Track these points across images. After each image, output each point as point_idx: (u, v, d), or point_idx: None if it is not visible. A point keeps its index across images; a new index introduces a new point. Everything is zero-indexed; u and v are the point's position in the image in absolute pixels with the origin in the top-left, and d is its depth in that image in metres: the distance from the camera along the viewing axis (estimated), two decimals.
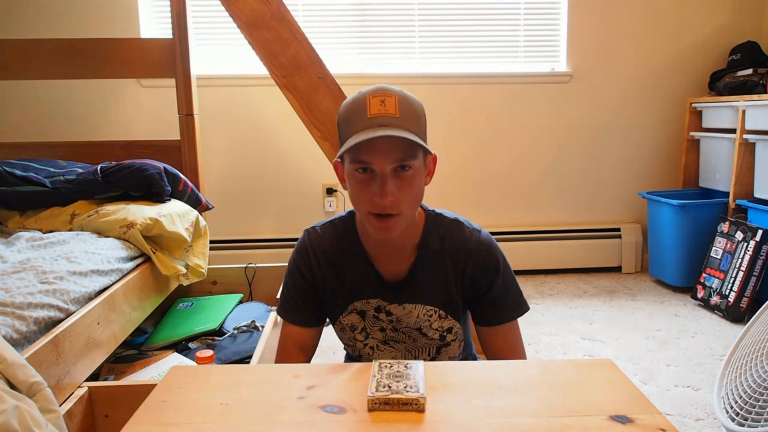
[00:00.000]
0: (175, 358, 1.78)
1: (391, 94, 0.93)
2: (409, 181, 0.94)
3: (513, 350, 1.08)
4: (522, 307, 1.09)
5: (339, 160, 1.00)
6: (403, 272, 1.07)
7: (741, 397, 1.44)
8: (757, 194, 2.62)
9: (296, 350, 1.11)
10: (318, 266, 1.09)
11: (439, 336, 1.10)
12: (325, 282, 1.10)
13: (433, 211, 1.10)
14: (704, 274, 2.71)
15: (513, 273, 1.10)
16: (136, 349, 1.95)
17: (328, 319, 1.17)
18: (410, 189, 0.94)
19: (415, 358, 1.12)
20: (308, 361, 1.13)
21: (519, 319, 1.09)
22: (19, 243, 1.65)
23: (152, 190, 1.98)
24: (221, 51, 3.03)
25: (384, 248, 1.07)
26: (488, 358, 1.10)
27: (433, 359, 1.12)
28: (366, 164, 0.92)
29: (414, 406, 0.76)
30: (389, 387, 0.79)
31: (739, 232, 2.58)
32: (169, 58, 2.29)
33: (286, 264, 1.15)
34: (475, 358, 1.28)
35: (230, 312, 2.15)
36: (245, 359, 1.79)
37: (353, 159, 0.93)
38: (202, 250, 2.06)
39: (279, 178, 3.12)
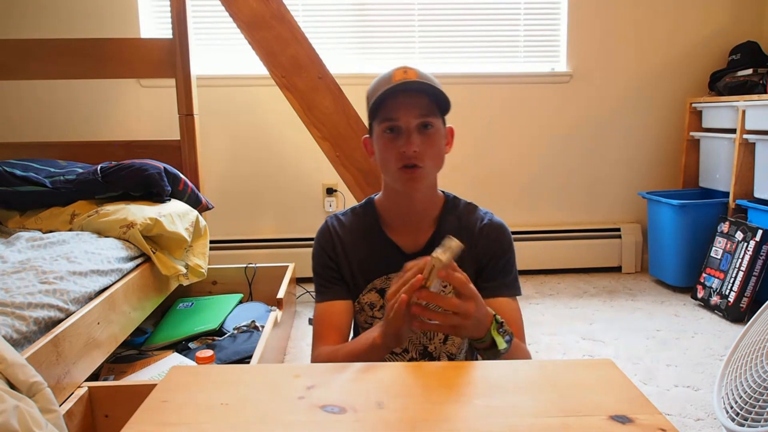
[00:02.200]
0: (175, 358, 1.79)
1: (413, 67, 1.06)
2: (431, 139, 1.06)
3: (515, 322, 1.13)
4: (518, 290, 1.20)
5: (368, 135, 1.11)
6: (421, 245, 1.15)
7: (741, 397, 1.44)
8: (757, 194, 2.62)
9: (331, 328, 1.14)
10: (341, 246, 1.16)
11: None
12: (350, 260, 1.16)
13: (452, 194, 1.21)
14: (704, 274, 2.71)
15: (515, 260, 1.21)
16: (136, 349, 1.95)
17: None
18: (432, 146, 1.06)
19: (430, 339, 1.17)
20: (344, 339, 1.15)
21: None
22: (19, 243, 1.65)
23: (152, 190, 1.99)
24: (221, 51, 3.03)
25: (404, 221, 1.15)
26: None
27: (446, 338, 1.17)
28: (393, 120, 1.04)
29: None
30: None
31: (739, 232, 2.58)
32: (169, 58, 2.30)
33: (286, 264, 1.16)
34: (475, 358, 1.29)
35: (230, 312, 2.15)
36: (245, 359, 1.80)
37: (382, 119, 1.05)
38: (202, 250, 2.06)
39: (279, 178, 3.12)
